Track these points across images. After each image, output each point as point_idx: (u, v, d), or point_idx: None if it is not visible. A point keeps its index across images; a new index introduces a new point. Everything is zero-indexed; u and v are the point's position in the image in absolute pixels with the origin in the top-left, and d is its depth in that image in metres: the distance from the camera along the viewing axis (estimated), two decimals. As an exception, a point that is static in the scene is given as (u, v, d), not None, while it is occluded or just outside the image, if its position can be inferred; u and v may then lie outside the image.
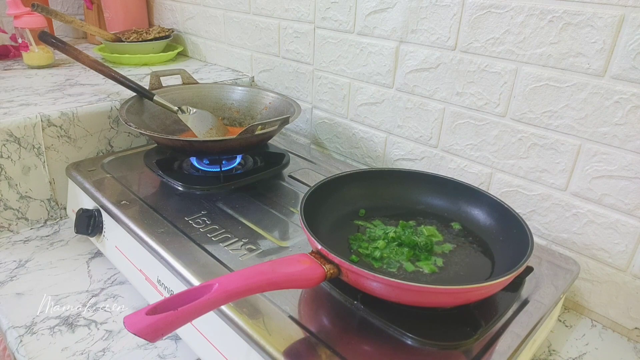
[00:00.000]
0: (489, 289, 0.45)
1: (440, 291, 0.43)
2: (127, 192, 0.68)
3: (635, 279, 0.60)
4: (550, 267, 0.58)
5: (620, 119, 0.56)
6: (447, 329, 0.46)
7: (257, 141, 0.73)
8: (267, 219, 0.64)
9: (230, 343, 0.47)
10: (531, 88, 0.62)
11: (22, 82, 0.96)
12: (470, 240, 0.57)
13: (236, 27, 1.06)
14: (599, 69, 0.56)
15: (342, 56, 0.85)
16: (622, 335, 0.62)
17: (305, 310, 0.49)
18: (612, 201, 0.59)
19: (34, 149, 0.76)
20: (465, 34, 0.67)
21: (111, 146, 0.87)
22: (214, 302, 0.39)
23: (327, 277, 0.45)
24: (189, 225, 0.61)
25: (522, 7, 0.60)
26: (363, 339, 0.45)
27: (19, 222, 0.78)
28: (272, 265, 0.44)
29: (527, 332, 0.47)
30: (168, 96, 0.86)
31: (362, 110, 0.86)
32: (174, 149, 0.76)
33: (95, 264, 0.72)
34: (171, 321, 0.36)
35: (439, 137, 0.75)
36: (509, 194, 0.69)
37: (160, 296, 0.57)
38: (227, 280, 0.41)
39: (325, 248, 0.45)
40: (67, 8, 1.46)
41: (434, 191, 0.64)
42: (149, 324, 0.36)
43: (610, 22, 0.54)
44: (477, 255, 0.55)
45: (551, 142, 0.62)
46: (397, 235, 0.56)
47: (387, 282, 0.43)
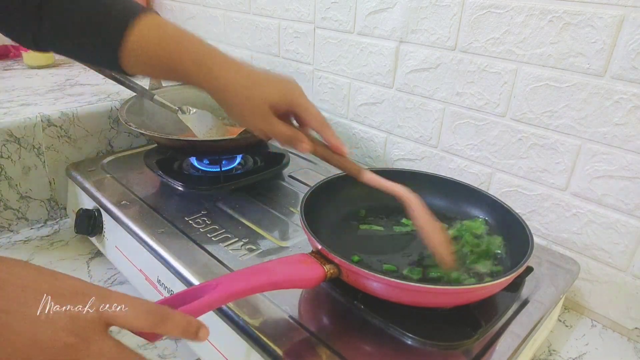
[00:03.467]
0: (489, 289, 0.45)
1: (440, 291, 0.44)
2: (127, 192, 0.68)
3: (635, 279, 0.60)
4: (550, 267, 0.58)
5: (620, 119, 0.56)
6: (447, 329, 0.46)
7: (257, 141, 0.73)
8: (267, 219, 0.64)
9: (231, 343, 0.47)
10: (531, 88, 0.62)
11: (22, 82, 0.96)
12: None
13: (236, 27, 1.06)
14: (599, 69, 0.56)
15: (342, 56, 0.85)
16: (622, 335, 0.62)
17: (305, 310, 0.49)
18: (612, 201, 0.59)
19: (34, 149, 0.76)
20: (465, 34, 0.67)
21: (111, 146, 0.87)
22: (215, 301, 0.39)
23: (327, 277, 0.45)
24: (189, 225, 0.61)
25: (522, 7, 0.60)
26: (363, 339, 0.45)
27: (19, 222, 0.78)
28: (272, 265, 0.44)
29: (527, 332, 0.47)
30: (168, 96, 0.86)
31: (362, 110, 0.86)
32: (174, 149, 0.76)
33: (95, 264, 0.72)
34: None
35: (439, 137, 0.75)
36: (509, 194, 0.69)
37: (160, 296, 0.57)
38: (228, 279, 0.41)
39: (326, 248, 0.45)
40: (67, 8, 1.46)
41: (434, 191, 0.63)
42: None
43: (610, 22, 0.54)
44: (477, 255, 0.55)
45: (551, 142, 0.62)
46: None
47: (387, 282, 0.43)
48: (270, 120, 0.50)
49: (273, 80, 0.51)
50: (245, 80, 0.50)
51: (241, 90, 0.49)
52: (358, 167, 0.54)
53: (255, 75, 0.50)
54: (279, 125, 0.50)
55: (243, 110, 0.50)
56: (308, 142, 0.51)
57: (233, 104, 0.50)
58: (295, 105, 0.51)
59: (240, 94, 0.49)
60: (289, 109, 0.51)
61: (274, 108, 0.50)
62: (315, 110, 0.52)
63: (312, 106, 0.52)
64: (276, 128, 0.50)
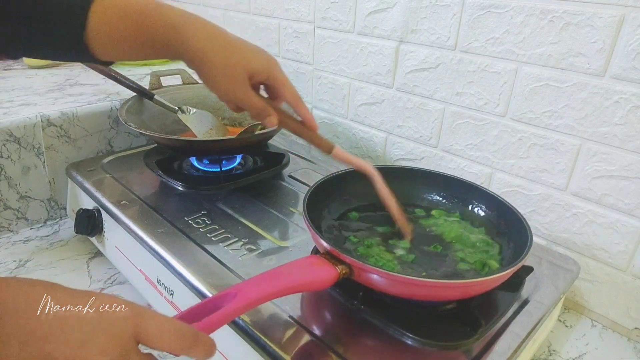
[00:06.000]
0: (488, 284, 0.45)
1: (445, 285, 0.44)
2: (127, 192, 0.68)
3: (635, 279, 0.60)
4: (550, 267, 0.58)
5: (620, 119, 0.56)
6: (447, 329, 0.46)
7: (257, 141, 0.73)
8: (267, 219, 0.64)
9: (231, 343, 0.47)
10: (531, 88, 0.62)
11: (22, 82, 0.96)
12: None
13: (236, 27, 1.06)
14: (599, 69, 0.56)
15: (342, 56, 0.85)
16: (622, 335, 0.62)
17: (305, 310, 0.49)
18: (612, 201, 0.59)
19: (34, 149, 0.76)
20: (465, 33, 0.67)
21: (111, 146, 0.87)
22: (237, 310, 0.38)
23: (340, 277, 0.45)
24: (189, 225, 0.61)
25: (522, 7, 0.60)
26: (363, 339, 0.45)
27: (19, 222, 0.78)
28: (288, 269, 0.44)
29: (527, 332, 0.47)
30: (168, 96, 0.86)
31: (362, 110, 0.86)
32: (174, 149, 0.76)
33: (95, 264, 0.72)
34: None
35: (439, 137, 0.75)
36: (509, 193, 0.69)
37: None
38: (247, 287, 0.40)
39: (336, 248, 0.45)
40: (67, 8, 1.46)
41: (434, 188, 0.64)
42: None
43: (610, 22, 0.54)
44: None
45: (551, 142, 0.62)
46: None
47: (403, 279, 0.43)
48: (246, 89, 0.49)
49: (253, 49, 0.50)
50: (223, 47, 0.48)
51: (219, 58, 0.48)
52: (329, 142, 0.55)
53: (234, 42, 0.49)
54: (254, 96, 0.50)
55: (219, 77, 0.48)
56: (276, 116, 0.52)
57: (210, 70, 0.48)
58: (273, 77, 0.51)
59: (218, 62, 0.48)
60: (267, 80, 0.51)
61: (252, 78, 0.49)
62: (291, 84, 0.52)
63: (288, 80, 0.52)
64: (251, 99, 0.50)
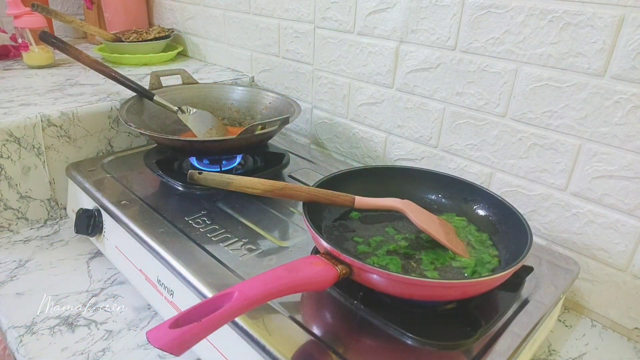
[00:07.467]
0: (488, 284, 0.45)
1: (445, 285, 0.44)
2: (127, 192, 0.68)
3: (635, 279, 0.60)
4: (550, 267, 0.58)
5: (620, 119, 0.56)
6: (447, 329, 0.46)
7: (257, 141, 0.73)
8: (267, 219, 0.64)
9: (231, 343, 0.47)
10: (531, 88, 0.62)
11: (22, 82, 0.96)
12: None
13: (236, 27, 1.06)
14: (599, 69, 0.56)
15: (342, 56, 0.85)
16: (622, 335, 0.62)
17: (305, 310, 0.49)
18: (612, 201, 0.59)
19: (34, 149, 0.76)
20: (465, 34, 0.67)
21: (111, 146, 0.87)
22: (236, 310, 0.38)
23: (340, 277, 0.45)
24: (189, 225, 0.61)
25: (522, 7, 0.60)
26: (363, 339, 0.45)
27: (19, 222, 0.78)
28: (287, 269, 0.43)
29: (527, 332, 0.47)
30: (168, 96, 0.86)
31: (362, 110, 0.86)
32: (174, 149, 0.76)
33: (95, 264, 0.72)
34: (196, 333, 0.36)
35: (439, 137, 0.75)
36: (509, 194, 0.69)
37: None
38: (246, 287, 0.40)
39: (336, 248, 0.45)
40: (67, 8, 1.46)
41: (434, 188, 0.64)
42: (174, 338, 0.35)
43: (610, 22, 0.54)
44: (477, 255, 0.55)
45: (551, 142, 0.62)
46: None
47: (403, 279, 0.43)
48: None
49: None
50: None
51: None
52: (348, 196, 0.56)
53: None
54: None
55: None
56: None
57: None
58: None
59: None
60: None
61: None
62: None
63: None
64: None
